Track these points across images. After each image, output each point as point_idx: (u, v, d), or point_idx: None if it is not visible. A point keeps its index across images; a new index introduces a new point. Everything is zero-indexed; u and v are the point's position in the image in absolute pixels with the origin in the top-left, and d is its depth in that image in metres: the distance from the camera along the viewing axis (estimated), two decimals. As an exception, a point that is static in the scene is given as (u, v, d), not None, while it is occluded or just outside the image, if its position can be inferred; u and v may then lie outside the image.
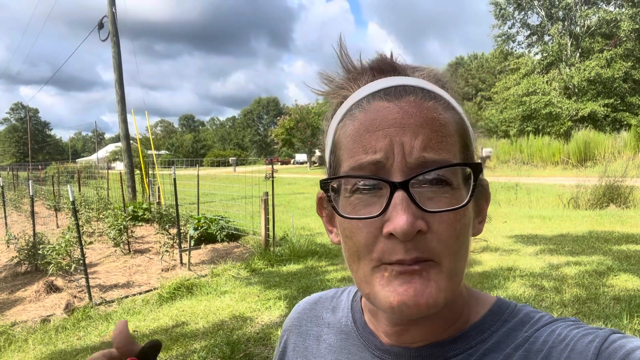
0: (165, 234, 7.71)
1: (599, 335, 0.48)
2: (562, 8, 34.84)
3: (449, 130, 0.51)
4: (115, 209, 9.43)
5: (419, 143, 0.48)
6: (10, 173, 28.61)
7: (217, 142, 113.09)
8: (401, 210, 0.46)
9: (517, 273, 5.39)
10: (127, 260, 7.44)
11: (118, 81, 13.45)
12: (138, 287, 6.03)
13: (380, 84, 0.53)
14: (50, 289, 5.81)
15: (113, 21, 13.25)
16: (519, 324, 0.55)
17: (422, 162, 0.48)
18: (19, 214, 14.27)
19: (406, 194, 0.47)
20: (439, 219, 0.48)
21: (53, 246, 6.30)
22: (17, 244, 7.54)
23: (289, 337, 0.75)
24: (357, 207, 0.50)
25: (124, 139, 13.68)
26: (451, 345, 0.56)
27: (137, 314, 4.99)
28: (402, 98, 0.51)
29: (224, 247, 8.29)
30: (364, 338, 0.63)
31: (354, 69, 0.57)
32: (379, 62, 0.56)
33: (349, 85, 0.56)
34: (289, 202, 15.01)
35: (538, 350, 0.51)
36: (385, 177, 0.48)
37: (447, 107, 0.52)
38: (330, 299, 0.74)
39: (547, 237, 7.51)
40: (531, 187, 13.36)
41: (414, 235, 0.46)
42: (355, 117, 0.52)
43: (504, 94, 37.78)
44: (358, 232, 0.50)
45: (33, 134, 78.75)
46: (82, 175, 17.49)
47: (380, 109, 0.51)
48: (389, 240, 0.48)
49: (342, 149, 0.53)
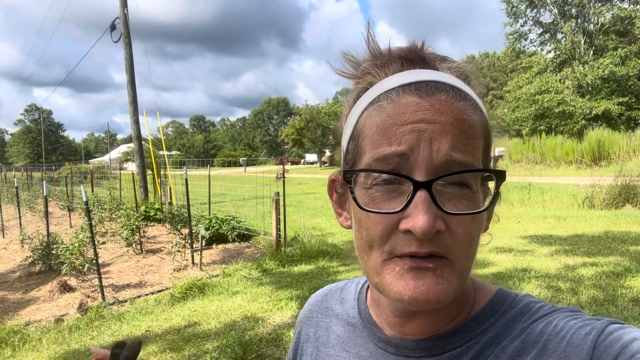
0: (177, 234, 7.73)
1: (596, 327, 0.48)
2: (576, 5, 34.36)
3: (476, 132, 0.51)
4: (128, 209, 9.49)
5: (448, 142, 0.48)
6: (24, 174, 29.00)
7: (228, 143, 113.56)
8: (422, 210, 0.46)
9: (533, 274, 5.31)
10: (140, 260, 7.47)
11: (130, 82, 13.54)
12: (150, 287, 6.06)
13: (411, 76, 0.52)
14: (63, 288, 5.85)
15: (125, 23, 13.35)
16: (518, 315, 0.55)
17: (448, 161, 0.48)
18: (32, 214, 14.44)
19: (429, 195, 0.47)
20: (457, 220, 0.48)
21: (67, 246, 6.35)
22: (31, 243, 7.62)
23: (302, 329, 0.77)
24: (376, 199, 0.50)
25: (136, 140, 13.77)
26: (451, 338, 0.56)
27: (149, 314, 5.00)
28: (433, 95, 0.50)
29: (235, 247, 8.30)
30: (368, 329, 0.64)
31: (382, 56, 0.56)
32: (409, 52, 0.55)
33: (375, 71, 0.55)
34: (300, 202, 15.00)
35: (534, 342, 0.51)
36: (408, 172, 0.48)
37: (475, 109, 0.52)
38: (340, 290, 0.75)
39: (562, 237, 7.39)
40: (544, 187, 13.19)
41: (431, 235, 0.46)
42: (383, 109, 0.51)
43: (516, 93, 37.35)
44: (374, 224, 0.50)
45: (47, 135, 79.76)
46: (95, 176, 17.65)
47: (410, 104, 0.50)
48: (404, 235, 0.48)
49: (366, 139, 0.52)
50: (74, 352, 4.11)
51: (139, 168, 13.74)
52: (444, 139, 0.48)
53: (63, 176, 22.93)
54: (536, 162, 23.88)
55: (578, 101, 32.46)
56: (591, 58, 34.17)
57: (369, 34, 0.57)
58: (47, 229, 7.19)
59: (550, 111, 33.10)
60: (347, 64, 0.59)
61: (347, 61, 0.59)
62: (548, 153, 24.83)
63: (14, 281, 6.78)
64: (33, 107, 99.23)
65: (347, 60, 0.59)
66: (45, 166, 39.32)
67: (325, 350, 0.69)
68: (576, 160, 23.61)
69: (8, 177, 25.12)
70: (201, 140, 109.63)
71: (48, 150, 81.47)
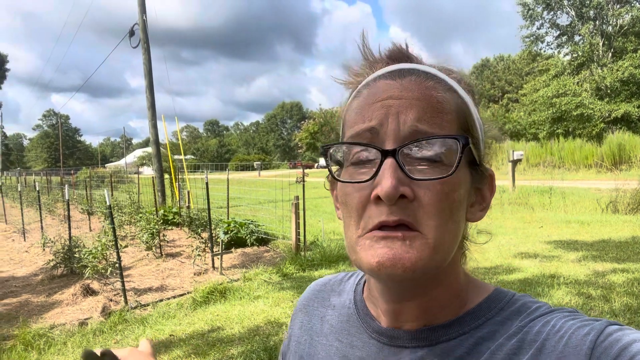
0: (197, 237, 7.74)
1: (595, 327, 0.48)
2: (594, 7, 33.87)
3: (446, 107, 0.53)
4: (147, 212, 9.53)
5: (413, 114, 0.51)
6: (43, 178, 29.46)
7: (242, 147, 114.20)
8: (388, 175, 0.49)
9: (562, 280, 5.18)
10: (160, 264, 7.49)
11: (148, 87, 13.66)
12: (172, 291, 6.05)
13: (391, 67, 0.57)
14: (86, 292, 5.87)
15: (144, 28, 13.48)
16: (515, 313, 0.55)
17: (414, 131, 0.50)
18: (52, 218, 14.62)
19: (394, 161, 0.49)
20: (425, 189, 0.50)
21: (90, 249, 6.38)
22: (52, 247, 7.69)
23: (297, 316, 0.78)
24: (353, 175, 0.53)
25: (154, 144, 13.87)
26: (445, 330, 0.56)
27: (172, 318, 4.99)
28: (404, 77, 0.54)
29: (254, 252, 8.27)
30: (363, 320, 0.65)
31: (372, 58, 0.61)
32: (394, 52, 0.60)
33: (365, 72, 0.60)
34: (316, 206, 14.95)
35: (531, 340, 0.50)
36: (379, 144, 0.51)
37: (448, 89, 0.54)
38: (339, 282, 0.76)
39: (588, 242, 7.22)
40: (566, 191, 12.95)
41: (396, 198, 0.48)
42: (361, 94, 0.56)
43: (532, 96, 36.91)
44: (351, 197, 0.53)
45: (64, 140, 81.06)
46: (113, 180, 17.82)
47: (382, 86, 0.54)
48: (376, 206, 0.50)
49: (347, 124, 0.57)
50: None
51: (156, 172, 13.83)
52: (410, 111, 0.51)
53: (81, 180, 23.22)
54: (555, 165, 23.51)
55: (597, 104, 31.96)
56: (610, 60, 33.64)
57: (364, 41, 0.61)
58: (69, 232, 7.24)
59: (568, 114, 32.64)
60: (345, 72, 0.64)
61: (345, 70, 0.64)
62: (567, 157, 24.44)
63: (36, 284, 6.83)
64: (51, 113, 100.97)
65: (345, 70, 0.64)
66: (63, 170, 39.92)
67: (318, 339, 0.70)
68: (596, 164, 23.20)
69: (27, 181, 25.54)
70: (215, 144, 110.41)
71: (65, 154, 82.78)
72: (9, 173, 53.82)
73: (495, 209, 11.62)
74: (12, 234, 12.16)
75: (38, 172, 47.30)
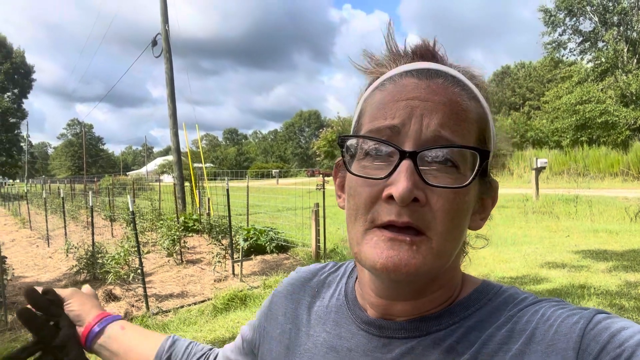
0: (217, 244, 7.75)
1: (584, 316, 0.48)
2: (617, 13, 33.24)
3: (469, 117, 0.53)
4: (168, 219, 9.60)
5: (438, 119, 0.51)
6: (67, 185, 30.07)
7: (260, 155, 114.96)
8: (404, 177, 0.48)
9: (592, 291, 5.01)
10: (180, 270, 7.51)
11: (170, 96, 13.85)
12: (192, 297, 6.05)
13: (417, 65, 0.56)
14: (109, 297, 5.90)
15: (166, 38, 13.71)
16: (503, 303, 0.56)
17: (436, 136, 0.50)
18: (76, 224, 14.86)
19: (413, 164, 0.49)
20: (438, 195, 0.50)
21: (112, 255, 6.43)
22: (76, 253, 7.78)
23: (278, 300, 0.75)
24: (366, 168, 0.53)
25: (175, 152, 14.03)
26: (435, 321, 0.56)
27: (193, 324, 4.97)
28: (431, 79, 0.53)
29: (274, 259, 8.24)
30: (352, 311, 0.64)
31: (397, 51, 0.60)
32: (421, 48, 0.59)
33: (388, 64, 0.60)
34: (335, 213, 14.87)
35: (521, 330, 0.51)
36: (398, 144, 0.51)
37: (472, 97, 0.55)
38: (328, 272, 0.75)
39: (618, 252, 6.99)
40: (592, 200, 12.62)
41: (409, 201, 0.48)
42: (385, 88, 0.55)
43: (555, 103, 36.27)
44: (361, 190, 0.52)
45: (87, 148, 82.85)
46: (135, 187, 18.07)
47: (409, 84, 0.53)
48: (386, 204, 0.50)
49: (366, 115, 0.56)
50: (121, 361, 4.10)
51: (177, 179, 13.96)
52: (434, 115, 0.51)
53: (103, 188, 23.63)
54: (579, 174, 22.99)
55: (622, 111, 31.22)
56: (635, 67, 32.90)
57: (389, 32, 0.60)
58: (92, 238, 7.33)
59: (592, 121, 31.96)
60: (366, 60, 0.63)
61: (366, 57, 0.63)
62: (592, 165, 23.91)
63: (60, 289, 6.92)
64: (75, 122, 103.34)
65: (366, 57, 0.63)
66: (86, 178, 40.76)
67: (305, 329, 0.69)
68: (622, 172, 22.62)
69: (52, 189, 26.11)
70: (234, 152, 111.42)
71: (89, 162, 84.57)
72: (34, 181, 55.21)
73: (519, 218, 11.38)
74: (37, 240, 12.39)
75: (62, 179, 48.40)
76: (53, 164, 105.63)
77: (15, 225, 16.82)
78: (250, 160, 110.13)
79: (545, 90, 43.75)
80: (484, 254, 7.08)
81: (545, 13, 35.95)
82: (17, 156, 46.45)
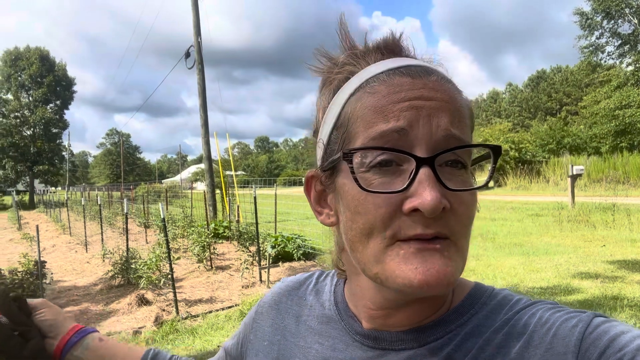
0: (245, 251, 7.89)
1: (582, 319, 0.47)
2: (659, 14, 31.98)
3: (465, 112, 0.52)
4: (199, 226, 9.84)
5: (446, 118, 0.48)
6: (105, 193, 31.15)
7: (290, 163, 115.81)
8: (429, 187, 0.46)
9: (625, 303, 4.84)
10: (210, 277, 7.68)
11: (202, 106, 14.22)
12: (220, 303, 6.18)
13: (397, 62, 0.53)
14: (141, 301, 6.11)
15: (198, 50, 14.11)
16: (498, 307, 0.55)
17: (448, 136, 0.48)
18: (112, 231, 15.40)
19: (432, 171, 0.47)
20: (459, 199, 0.48)
21: (144, 261, 6.66)
22: (111, 258, 8.09)
23: (265, 311, 0.73)
24: (373, 183, 0.49)
25: (206, 160, 14.35)
26: (432, 330, 0.55)
27: (220, 329, 5.09)
28: (424, 76, 0.51)
29: (301, 266, 8.31)
30: (345, 322, 0.62)
31: (358, 48, 0.57)
32: (387, 42, 0.56)
33: (355, 61, 0.55)
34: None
35: (519, 333, 0.50)
36: (407, 149, 0.48)
37: (459, 91, 0.53)
38: (315, 282, 0.73)
39: (656, 263, 6.72)
40: (631, 208, 12.15)
41: (439, 211, 0.46)
42: (375, 90, 0.51)
43: (593, 108, 35.08)
44: (376, 208, 0.48)
45: (125, 157, 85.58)
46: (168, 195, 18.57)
47: (404, 83, 0.50)
48: (408, 217, 0.47)
49: (358, 122, 0.51)
50: (151, 364, 4.25)
51: (208, 187, 14.27)
52: (442, 115, 0.48)
53: (139, 195, 24.37)
54: (619, 181, 22.13)
55: (665, 116, 29.90)
56: (678, 69, 31.48)
57: (342, 29, 0.57)
58: (126, 244, 7.60)
59: (632, 127, 30.73)
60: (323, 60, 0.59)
61: (321, 56, 0.59)
62: (632, 172, 22.96)
63: (96, 293, 7.20)
64: (113, 131, 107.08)
65: (321, 56, 0.59)
66: (123, 186, 42.08)
67: (294, 340, 0.67)
68: (665, 179, 21.63)
69: (91, 196, 27.12)
70: (265, 160, 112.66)
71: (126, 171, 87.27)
72: (75, 188, 57.42)
73: (553, 226, 11.07)
74: (76, 246, 12.91)
75: (101, 187, 50.15)
76: (93, 172, 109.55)
77: (56, 231, 17.57)
78: (281, 168, 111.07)
79: (582, 94, 42.40)
80: (514, 264, 6.94)
81: (581, 16, 34.93)
82: (59, 165, 48.46)
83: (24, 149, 42.72)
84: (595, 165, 24.70)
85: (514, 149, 27.55)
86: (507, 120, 53.63)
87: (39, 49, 45.27)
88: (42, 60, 44.80)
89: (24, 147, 42.63)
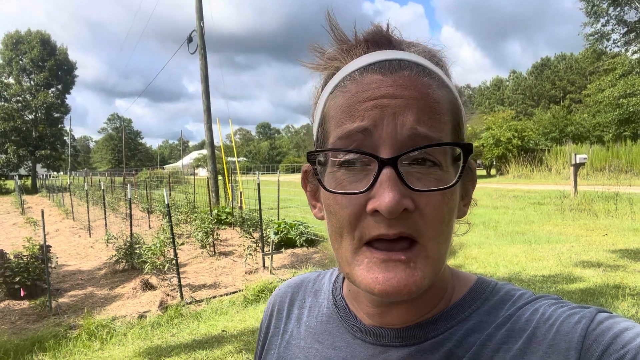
0: (248, 237, 7.93)
1: (586, 315, 0.47)
2: (667, 1, 31.57)
3: (442, 107, 0.49)
4: (202, 212, 9.87)
5: (412, 116, 0.47)
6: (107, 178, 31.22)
7: (292, 149, 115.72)
8: (388, 188, 0.45)
9: (627, 292, 4.87)
10: (213, 262, 7.73)
11: (205, 92, 14.16)
12: (224, 288, 6.23)
13: (375, 56, 0.52)
14: (145, 286, 6.16)
15: (201, 35, 14.01)
16: (500, 302, 0.54)
17: (413, 134, 0.47)
18: (115, 216, 15.45)
19: (394, 171, 0.46)
20: (426, 199, 0.47)
21: (149, 246, 6.70)
22: (115, 243, 8.14)
23: (270, 320, 0.74)
24: (342, 182, 0.49)
25: (209, 146, 14.35)
26: (432, 326, 0.55)
27: (224, 314, 5.14)
28: (396, 72, 0.49)
29: (304, 252, 8.36)
30: (344, 320, 0.62)
31: (347, 41, 0.56)
32: (374, 35, 0.55)
33: (341, 56, 0.55)
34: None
35: (521, 329, 0.50)
36: (372, 149, 0.47)
37: (442, 85, 0.51)
38: (313, 282, 0.73)
39: (659, 252, 6.74)
40: (634, 197, 12.14)
41: (399, 213, 0.45)
42: (347, 89, 0.50)
43: (597, 97, 34.88)
44: (342, 208, 0.49)
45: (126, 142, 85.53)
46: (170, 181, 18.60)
47: (373, 81, 0.49)
48: (372, 218, 0.47)
49: (331, 121, 0.51)
50: (156, 347, 4.30)
51: (211, 173, 14.29)
52: (408, 113, 0.47)
53: (141, 180, 24.40)
54: (622, 170, 22.08)
55: (670, 105, 29.73)
56: (685, 57, 31.20)
57: (331, 22, 0.56)
58: (130, 229, 7.63)
59: (636, 116, 30.62)
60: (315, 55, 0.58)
61: (315, 52, 0.58)
62: (635, 161, 22.90)
63: (100, 278, 7.25)
64: (115, 116, 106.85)
65: (315, 52, 0.58)
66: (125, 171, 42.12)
67: (296, 342, 0.66)
68: (668, 168, 21.58)
69: (93, 181, 27.18)
70: (267, 147, 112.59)
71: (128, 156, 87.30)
72: (77, 173, 57.51)
73: (555, 215, 11.09)
74: (79, 230, 12.97)
75: (103, 172, 50.20)
76: (94, 157, 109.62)
77: (59, 215, 17.64)
78: (282, 154, 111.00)
79: (587, 83, 42.08)
80: (516, 252, 6.97)
81: (587, 3, 34.51)
82: (60, 149, 48.43)
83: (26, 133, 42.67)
84: (598, 154, 24.63)
85: (517, 137, 27.45)
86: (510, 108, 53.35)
87: (40, 33, 44.93)
88: (44, 44, 44.51)
89: (25, 131, 42.58)
